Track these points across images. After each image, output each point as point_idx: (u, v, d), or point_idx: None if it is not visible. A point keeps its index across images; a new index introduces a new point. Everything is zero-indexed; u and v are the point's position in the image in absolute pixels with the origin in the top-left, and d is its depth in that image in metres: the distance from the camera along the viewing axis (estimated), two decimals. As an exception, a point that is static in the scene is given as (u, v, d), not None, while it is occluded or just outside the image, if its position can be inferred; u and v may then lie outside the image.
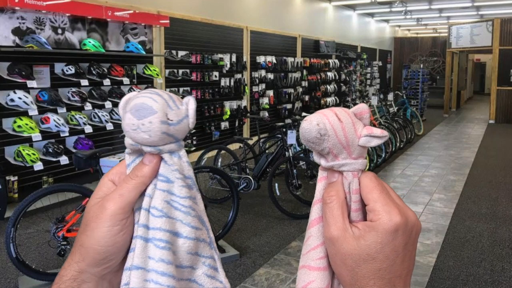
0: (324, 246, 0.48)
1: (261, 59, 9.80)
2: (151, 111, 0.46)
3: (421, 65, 15.13)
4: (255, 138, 6.90)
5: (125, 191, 0.47)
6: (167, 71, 7.38)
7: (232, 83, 8.87)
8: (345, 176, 0.47)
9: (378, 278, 0.44)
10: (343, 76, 14.28)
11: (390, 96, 9.88)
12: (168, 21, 6.91)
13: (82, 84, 5.58)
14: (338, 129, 0.46)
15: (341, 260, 0.45)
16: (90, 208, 0.48)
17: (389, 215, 0.44)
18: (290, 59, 10.93)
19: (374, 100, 8.44)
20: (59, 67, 5.51)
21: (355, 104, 12.75)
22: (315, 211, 0.49)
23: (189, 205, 0.49)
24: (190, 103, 0.49)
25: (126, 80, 6.21)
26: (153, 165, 0.48)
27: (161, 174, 0.49)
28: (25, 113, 5.01)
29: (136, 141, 0.47)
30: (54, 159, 5.26)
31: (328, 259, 0.48)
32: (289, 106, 11.02)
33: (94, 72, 5.78)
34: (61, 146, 5.41)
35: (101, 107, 5.93)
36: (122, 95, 6.16)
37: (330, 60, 13.09)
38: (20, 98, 4.90)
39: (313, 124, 0.45)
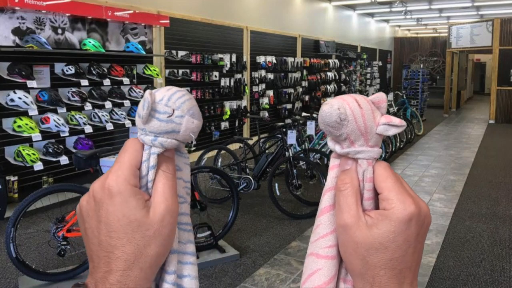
0: (334, 234, 0.48)
1: (261, 59, 9.80)
2: (200, 113, 0.50)
3: (421, 65, 15.13)
4: (255, 138, 6.90)
5: (174, 191, 0.47)
6: (167, 71, 7.38)
7: (232, 83, 8.87)
8: (360, 164, 0.47)
9: (389, 268, 0.43)
10: (343, 76, 14.29)
11: (390, 96, 9.88)
12: (168, 21, 6.91)
13: (82, 84, 5.58)
14: (358, 115, 0.45)
15: (353, 249, 0.45)
16: (151, 219, 0.45)
17: (403, 204, 0.44)
18: (290, 59, 10.93)
19: (374, 100, 8.42)
20: (59, 67, 5.51)
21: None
22: (326, 199, 0.49)
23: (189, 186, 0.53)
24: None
25: (126, 80, 6.21)
26: (174, 158, 0.50)
27: (176, 164, 0.51)
28: (25, 113, 5.01)
29: (188, 140, 0.49)
30: (54, 159, 5.26)
31: (337, 248, 0.47)
32: (289, 106, 11.02)
33: (94, 72, 5.78)
34: (61, 146, 5.41)
35: (101, 107, 5.93)
36: (122, 95, 6.16)
37: (330, 60, 13.10)
38: (20, 98, 4.90)
39: (334, 108, 0.45)
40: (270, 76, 10.17)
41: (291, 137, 5.25)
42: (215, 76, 8.41)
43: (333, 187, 0.49)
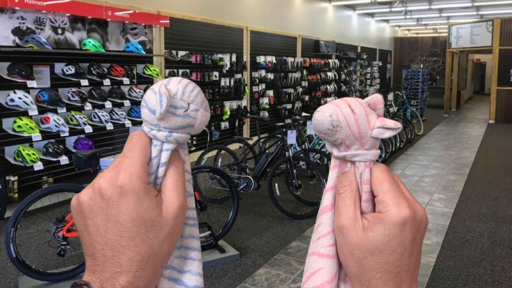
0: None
1: (261, 59, 9.80)
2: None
3: (421, 65, 15.13)
4: (255, 138, 6.90)
5: (184, 186, 0.47)
6: (167, 71, 7.38)
7: (232, 83, 8.87)
8: (357, 166, 0.47)
9: (384, 271, 0.43)
10: (343, 76, 14.29)
11: (390, 96, 9.88)
12: (168, 21, 6.91)
13: (82, 84, 5.58)
14: (351, 120, 0.45)
15: (349, 251, 0.45)
16: (165, 218, 0.44)
17: (397, 207, 0.43)
18: (290, 59, 10.93)
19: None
20: (59, 67, 5.51)
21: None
22: (327, 198, 0.49)
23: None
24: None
25: (126, 80, 6.21)
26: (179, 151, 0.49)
27: None
28: (25, 113, 5.01)
29: (199, 132, 0.49)
30: (54, 159, 5.26)
31: None
32: (289, 106, 11.02)
33: (94, 72, 5.78)
34: (61, 146, 5.41)
35: (101, 107, 5.93)
36: (122, 95, 6.16)
37: (330, 60, 13.10)
38: (20, 98, 4.90)
39: (325, 115, 0.45)
40: (270, 76, 10.17)
41: (291, 137, 5.25)
42: (215, 76, 8.41)
43: (334, 187, 0.49)
